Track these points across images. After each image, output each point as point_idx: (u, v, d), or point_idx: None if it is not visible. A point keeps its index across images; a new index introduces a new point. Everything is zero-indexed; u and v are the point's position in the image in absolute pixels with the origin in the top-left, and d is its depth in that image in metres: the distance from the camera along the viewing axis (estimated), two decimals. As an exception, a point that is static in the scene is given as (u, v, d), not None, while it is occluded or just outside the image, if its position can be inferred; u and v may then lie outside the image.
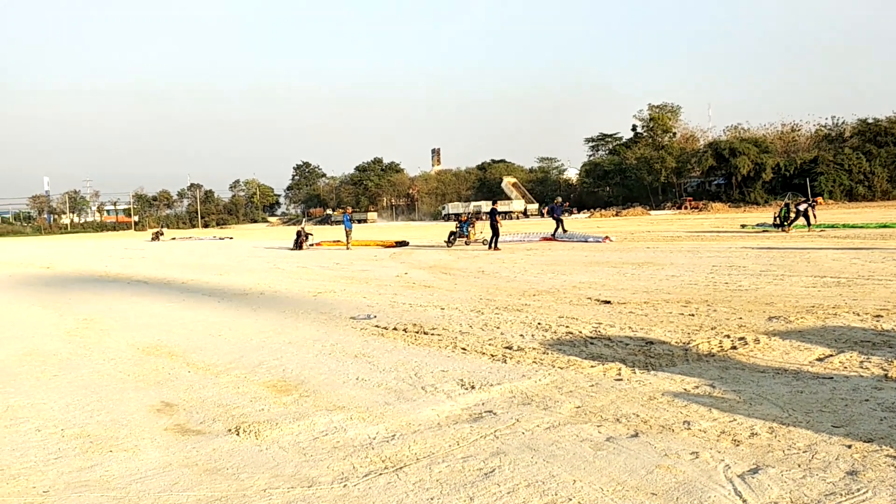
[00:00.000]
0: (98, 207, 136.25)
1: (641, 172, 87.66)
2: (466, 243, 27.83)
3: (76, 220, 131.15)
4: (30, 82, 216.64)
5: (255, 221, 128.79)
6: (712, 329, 7.89)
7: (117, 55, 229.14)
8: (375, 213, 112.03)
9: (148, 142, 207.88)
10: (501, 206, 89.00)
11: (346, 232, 30.44)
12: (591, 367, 6.31)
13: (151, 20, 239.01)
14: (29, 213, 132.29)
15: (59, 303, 13.32)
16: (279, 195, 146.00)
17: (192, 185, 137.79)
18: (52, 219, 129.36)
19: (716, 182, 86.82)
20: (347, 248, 29.51)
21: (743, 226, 33.39)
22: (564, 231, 27.48)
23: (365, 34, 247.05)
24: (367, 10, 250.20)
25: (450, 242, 27.81)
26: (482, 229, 30.54)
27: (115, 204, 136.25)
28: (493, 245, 24.40)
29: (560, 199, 28.39)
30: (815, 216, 27.45)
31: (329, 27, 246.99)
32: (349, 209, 35.89)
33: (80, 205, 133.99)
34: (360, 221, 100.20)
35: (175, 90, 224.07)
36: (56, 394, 6.19)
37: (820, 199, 28.64)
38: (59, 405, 5.81)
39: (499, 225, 25.00)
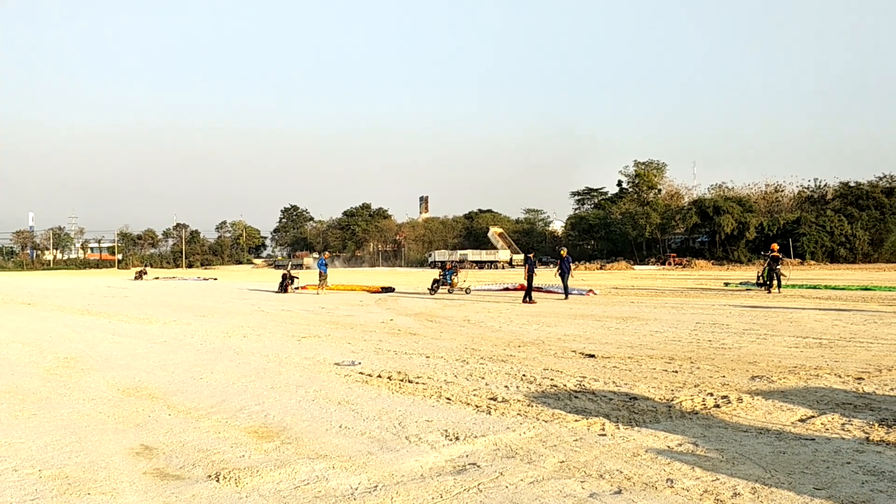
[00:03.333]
0: (82, 244, 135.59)
1: (626, 227, 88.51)
2: (450, 291, 27.83)
3: (59, 256, 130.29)
4: (17, 118, 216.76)
5: (241, 263, 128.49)
6: (696, 386, 7.91)
7: (106, 94, 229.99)
8: (311, 259, 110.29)
9: (134, 181, 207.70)
10: (486, 256, 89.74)
11: (320, 275, 30.28)
12: (576, 421, 6.30)
13: (139, 59, 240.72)
14: (11, 248, 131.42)
15: (40, 340, 13.18)
16: (266, 237, 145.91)
17: (177, 224, 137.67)
18: (34, 254, 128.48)
19: (700, 239, 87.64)
20: (317, 293, 29.36)
21: (726, 284, 33.59)
22: (566, 288, 24.51)
23: (354, 81, 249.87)
24: (356, 56, 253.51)
25: (433, 290, 27.88)
26: (465, 277, 30.49)
27: (99, 242, 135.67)
28: (528, 298, 22.63)
29: (566, 250, 25.94)
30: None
31: (319, 73, 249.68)
32: (327, 254, 35.87)
33: (64, 241, 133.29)
34: (296, 266, 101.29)
35: (162, 130, 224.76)
36: (34, 433, 6.10)
37: (784, 260, 28.04)
38: (38, 445, 5.73)
39: (534, 276, 23.37)
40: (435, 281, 28.38)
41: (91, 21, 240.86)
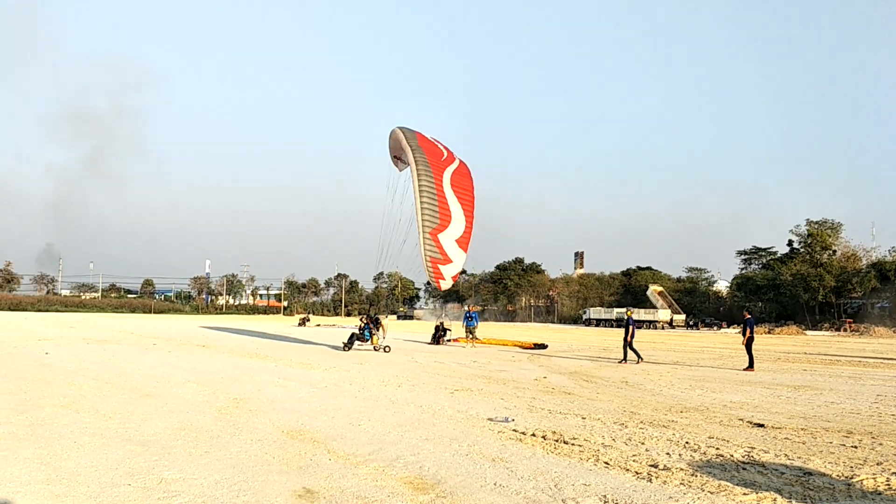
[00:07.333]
0: (252, 291, 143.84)
1: (797, 290, 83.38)
2: (375, 349, 25.16)
3: (231, 301, 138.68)
4: (205, 177, 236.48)
5: (395, 313, 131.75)
6: (878, 464, 7.27)
7: (275, 154, 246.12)
8: (421, 311, 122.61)
9: (301, 232, 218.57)
10: (645, 315, 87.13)
11: (470, 329, 30.33)
12: (744, 494, 5.93)
13: (307, 123, 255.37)
14: (189, 292, 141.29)
15: (213, 381, 13.99)
16: (419, 289, 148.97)
17: (338, 274, 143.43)
18: (209, 299, 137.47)
19: (879, 305, 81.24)
20: (464, 346, 29.37)
21: (912, 353, 30.89)
22: (632, 350, 22.22)
23: (508, 135, 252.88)
24: (506, 109, 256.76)
25: (347, 346, 25.21)
26: (384, 334, 26.50)
27: (267, 289, 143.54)
28: (625, 359, 22.13)
29: (632, 310, 24.91)
30: None
31: (471, 127, 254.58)
32: (472, 307, 35.74)
33: (236, 288, 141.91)
34: (406, 317, 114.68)
35: (327, 185, 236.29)
36: (206, 470, 6.44)
37: None
38: (209, 482, 6.03)
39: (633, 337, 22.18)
40: (352, 335, 25.80)
41: (254, 86, 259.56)
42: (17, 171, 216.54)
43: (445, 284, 24.03)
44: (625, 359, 22.15)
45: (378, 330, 25.70)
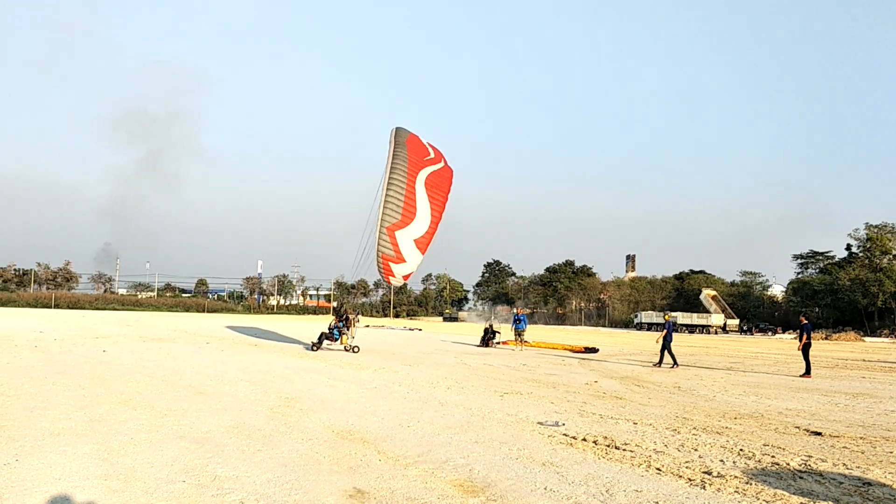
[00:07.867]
0: (303, 291, 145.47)
1: (855, 295, 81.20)
2: (346, 349, 24.01)
3: (282, 301, 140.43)
4: (253, 179, 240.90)
5: (441, 314, 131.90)
6: (945, 478, 7.01)
7: (328, 159, 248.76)
8: (465, 313, 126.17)
9: (351, 233, 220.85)
10: (698, 319, 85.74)
11: (518, 332, 30.15)
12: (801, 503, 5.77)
13: (351, 126, 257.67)
14: (241, 292, 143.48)
15: (265, 381, 14.16)
16: (468, 291, 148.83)
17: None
18: (261, 299, 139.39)
19: (942, 311, 78.70)
20: (513, 349, 29.27)
21: (977, 362, 29.79)
22: (660, 353, 22.64)
23: (559, 138, 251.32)
24: (562, 116, 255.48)
25: (316, 346, 24.31)
26: (353, 333, 25.04)
27: (317, 289, 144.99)
28: (660, 363, 22.14)
29: (670, 314, 25.87)
30: None
31: (521, 132, 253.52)
32: (519, 309, 35.46)
33: (287, 288, 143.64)
34: (451, 319, 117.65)
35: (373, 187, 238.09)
36: (259, 468, 6.51)
37: None
38: (261, 480, 6.10)
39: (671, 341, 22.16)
40: (321, 335, 24.83)
41: (303, 88, 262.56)
42: (76, 172, 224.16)
43: (396, 282, 23.78)
44: (675, 363, 21.85)
45: (348, 329, 24.73)
